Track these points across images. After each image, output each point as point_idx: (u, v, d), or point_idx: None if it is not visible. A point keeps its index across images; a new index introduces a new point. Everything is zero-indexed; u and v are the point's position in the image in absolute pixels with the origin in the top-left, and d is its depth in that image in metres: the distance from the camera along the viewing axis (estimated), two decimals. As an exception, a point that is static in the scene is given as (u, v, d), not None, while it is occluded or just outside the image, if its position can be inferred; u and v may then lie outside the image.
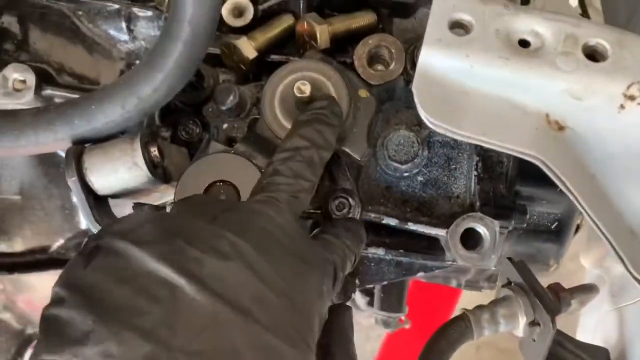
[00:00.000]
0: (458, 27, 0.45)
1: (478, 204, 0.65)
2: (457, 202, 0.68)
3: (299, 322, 0.43)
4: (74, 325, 0.38)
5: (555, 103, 0.45)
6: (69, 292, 0.40)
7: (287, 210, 0.47)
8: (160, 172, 0.53)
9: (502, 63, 0.44)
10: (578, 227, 0.79)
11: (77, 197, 0.51)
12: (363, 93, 0.59)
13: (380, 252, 0.66)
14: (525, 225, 0.68)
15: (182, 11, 0.45)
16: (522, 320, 0.57)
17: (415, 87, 0.46)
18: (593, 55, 0.45)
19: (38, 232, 0.69)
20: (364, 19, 0.69)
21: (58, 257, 0.70)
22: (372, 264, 0.68)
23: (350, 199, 0.62)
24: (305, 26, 0.66)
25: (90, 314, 0.38)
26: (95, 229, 0.51)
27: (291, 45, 0.70)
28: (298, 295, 0.43)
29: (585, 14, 1.05)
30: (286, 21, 0.69)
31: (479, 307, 0.58)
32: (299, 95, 0.54)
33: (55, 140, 0.51)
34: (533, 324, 0.55)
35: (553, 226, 0.70)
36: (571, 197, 0.47)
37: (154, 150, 0.51)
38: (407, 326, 1.08)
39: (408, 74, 0.67)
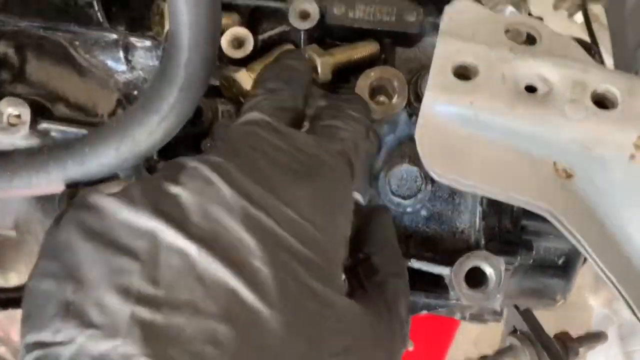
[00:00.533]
0: (463, 72, 0.44)
1: (483, 241, 0.64)
2: (462, 237, 0.66)
3: (314, 252, 0.37)
4: (53, 297, 0.35)
5: (564, 151, 0.43)
6: (43, 259, 0.38)
7: (275, 121, 0.42)
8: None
9: (509, 111, 0.42)
10: (585, 259, 0.77)
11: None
12: (365, 131, 0.58)
13: (382, 290, 0.65)
14: (531, 261, 0.66)
15: (178, 55, 0.44)
16: (529, 369, 0.55)
17: (417, 136, 0.44)
18: (602, 102, 0.43)
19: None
20: (366, 49, 0.67)
21: (54, 291, 0.69)
22: (374, 302, 0.67)
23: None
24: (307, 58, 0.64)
25: (68, 282, 0.35)
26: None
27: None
28: (309, 216, 0.37)
29: (590, 31, 1.03)
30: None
31: (484, 358, 0.57)
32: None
33: (49, 183, 0.50)
34: (540, 372, 0.53)
35: (560, 261, 0.69)
36: (577, 246, 0.46)
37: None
38: (411, 348, 1.06)
39: (411, 105, 0.65)
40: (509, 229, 0.66)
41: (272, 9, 0.68)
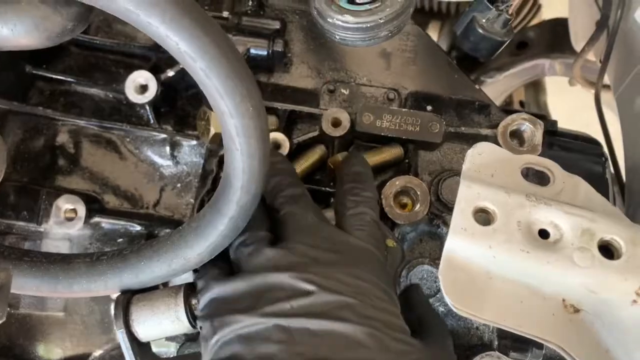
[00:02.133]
0: (482, 215, 0.49)
1: (496, 342, 0.68)
2: (476, 334, 0.71)
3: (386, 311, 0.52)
4: None
5: (571, 291, 0.48)
6: None
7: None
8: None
9: (523, 256, 0.47)
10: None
11: (123, 345, 0.55)
12: (390, 242, 0.63)
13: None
14: (541, 359, 0.70)
15: (231, 193, 0.49)
16: None
17: (441, 273, 0.49)
18: (608, 248, 0.48)
19: (78, 344, 0.73)
20: (391, 153, 0.73)
21: (95, 366, 0.74)
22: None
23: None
24: (337, 164, 0.70)
25: None
26: (137, 375, 0.55)
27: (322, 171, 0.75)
28: (373, 291, 0.52)
29: (602, 120, 1.07)
30: (318, 153, 0.73)
31: None
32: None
33: (105, 289, 0.56)
34: None
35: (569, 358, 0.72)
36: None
37: (195, 303, 0.55)
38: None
39: (432, 206, 0.70)
40: (521, 327, 0.70)
41: (306, 113, 0.74)
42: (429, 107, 0.77)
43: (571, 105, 1.51)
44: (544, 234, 0.49)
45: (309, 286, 0.50)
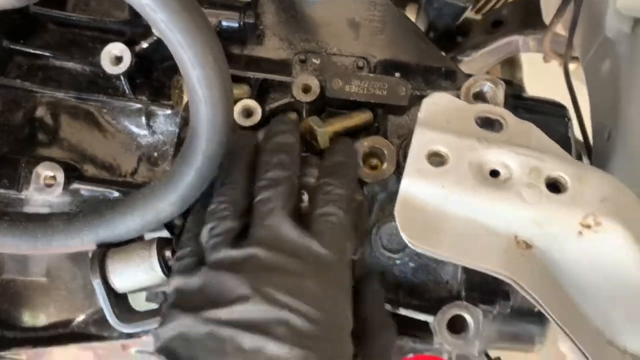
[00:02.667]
0: (435, 158, 0.52)
1: (464, 293, 0.71)
2: (446, 287, 0.73)
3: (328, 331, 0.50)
4: None
5: (522, 227, 0.51)
6: None
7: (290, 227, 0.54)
8: (174, 273, 0.59)
9: (474, 194, 0.50)
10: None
11: (99, 296, 0.57)
12: (358, 196, 0.66)
13: (373, 335, 0.72)
14: (509, 309, 0.73)
15: (197, 143, 0.52)
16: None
17: (397, 212, 0.52)
18: (555, 184, 0.51)
19: (61, 309, 0.75)
20: (361, 118, 0.76)
21: (79, 331, 0.76)
22: (366, 345, 0.73)
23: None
24: (308, 128, 0.73)
25: None
26: (115, 324, 0.58)
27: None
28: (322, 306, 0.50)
29: (570, 89, 1.10)
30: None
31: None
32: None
33: (82, 244, 0.58)
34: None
35: (536, 309, 0.75)
36: (538, 307, 0.53)
37: (169, 255, 0.58)
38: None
39: (401, 167, 0.73)
40: (489, 280, 0.73)
41: (278, 81, 0.77)
42: (397, 74, 0.80)
43: (547, 81, 1.54)
44: (494, 174, 0.52)
45: (251, 293, 0.49)
